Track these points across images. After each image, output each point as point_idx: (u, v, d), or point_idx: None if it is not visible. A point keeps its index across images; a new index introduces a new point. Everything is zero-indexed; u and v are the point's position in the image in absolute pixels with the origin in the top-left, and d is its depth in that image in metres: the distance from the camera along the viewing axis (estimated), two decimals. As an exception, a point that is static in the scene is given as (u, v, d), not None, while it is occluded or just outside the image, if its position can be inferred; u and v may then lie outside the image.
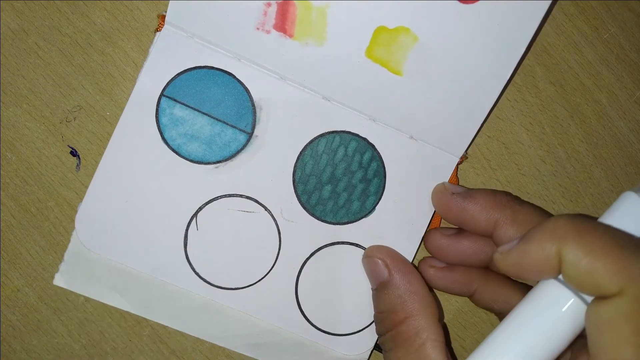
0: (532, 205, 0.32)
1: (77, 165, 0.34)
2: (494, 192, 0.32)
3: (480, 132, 0.35)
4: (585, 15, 0.35)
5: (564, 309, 0.23)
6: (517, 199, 0.32)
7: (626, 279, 0.21)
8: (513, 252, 0.24)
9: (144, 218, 0.32)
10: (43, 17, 0.32)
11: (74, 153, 0.34)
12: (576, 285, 0.23)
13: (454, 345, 0.37)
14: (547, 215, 0.31)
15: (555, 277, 0.24)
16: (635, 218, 0.24)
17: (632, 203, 0.25)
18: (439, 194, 0.33)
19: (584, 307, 0.23)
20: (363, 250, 0.34)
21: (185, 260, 0.33)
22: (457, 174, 0.34)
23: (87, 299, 0.35)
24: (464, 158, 0.34)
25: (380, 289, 0.31)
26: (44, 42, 0.33)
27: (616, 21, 0.36)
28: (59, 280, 0.33)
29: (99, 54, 0.33)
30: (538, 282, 0.25)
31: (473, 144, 0.36)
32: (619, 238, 0.22)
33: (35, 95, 0.33)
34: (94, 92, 0.33)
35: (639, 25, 0.36)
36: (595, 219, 0.25)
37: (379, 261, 0.31)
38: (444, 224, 0.35)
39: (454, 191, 0.32)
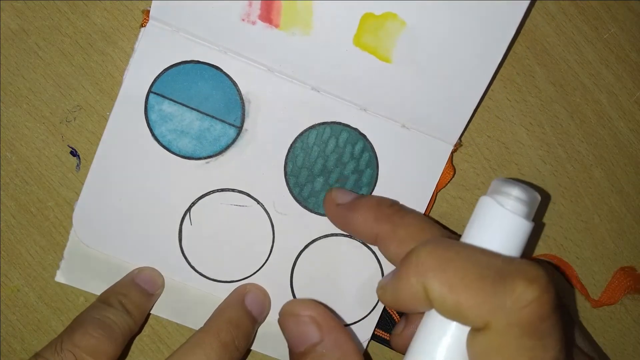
0: (416, 216, 0.30)
1: (77, 165, 0.34)
2: (379, 202, 0.30)
3: (480, 132, 0.35)
4: (585, 15, 0.35)
5: (450, 338, 0.23)
6: (401, 210, 0.30)
7: (489, 312, 0.21)
8: (388, 289, 0.24)
9: (138, 214, 0.32)
10: (43, 17, 0.33)
11: (74, 153, 0.34)
12: (449, 318, 0.22)
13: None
14: (429, 227, 0.29)
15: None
16: (495, 226, 0.24)
17: (492, 211, 0.24)
18: (325, 203, 0.32)
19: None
20: (358, 242, 0.34)
21: (181, 255, 0.33)
22: (452, 162, 0.34)
23: (86, 299, 0.35)
24: (458, 146, 0.33)
25: (307, 353, 0.27)
26: (44, 42, 0.33)
27: (616, 21, 0.36)
28: (61, 277, 0.33)
29: (99, 54, 0.33)
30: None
31: (473, 144, 0.36)
32: (480, 266, 0.22)
33: (35, 95, 0.33)
34: (94, 92, 0.33)
35: (639, 25, 0.36)
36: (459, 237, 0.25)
37: (308, 319, 0.28)
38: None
39: (339, 201, 0.31)
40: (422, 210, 0.33)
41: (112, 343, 0.28)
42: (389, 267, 0.34)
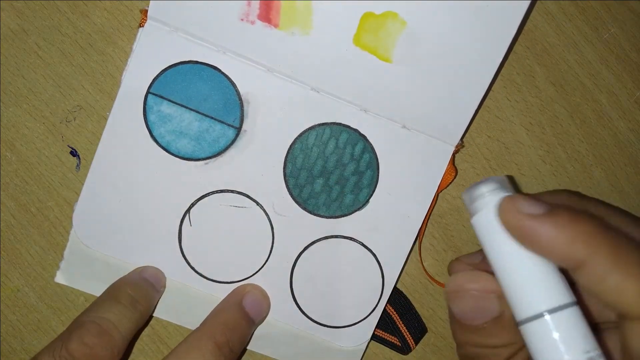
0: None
1: (77, 165, 0.34)
2: (588, 219, 0.24)
3: (480, 132, 0.35)
4: (585, 15, 0.35)
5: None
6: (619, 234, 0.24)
7: None
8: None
9: (138, 215, 0.32)
10: (43, 17, 0.33)
11: (74, 153, 0.34)
12: (594, 295, 0.23)
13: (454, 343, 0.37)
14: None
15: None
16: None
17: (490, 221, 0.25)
18: (507, 212, 0.24)
19: None
20: (358, 244, 0.34)
21: (181, 255, 0.33)
22: (453, 163, 0.34)
23: (86, 299, 0.35)
24: (459, 147, 0.33)
25: (491, 325, 0.27)
26: (44, 42, 0.33)
27: (616, 21, 0.36)
28: (60, 278, 0.33)
29: (99, 54, 0.33)
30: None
31: (473, 144, 0.36)
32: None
33: (35, 95, 0.33)
34: (94, 92, 0.33)
35: (639, 25, 0.36)
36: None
37: (491, 295, 0.26)
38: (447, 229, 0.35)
39: (528, 212, 0.24)
40: (424, 211, 0.34)
41: (107, 351, 0.28)
42: (389, 269, 0.34)
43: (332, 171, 0.33)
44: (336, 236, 0.33)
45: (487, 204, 0.25)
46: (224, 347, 0.29)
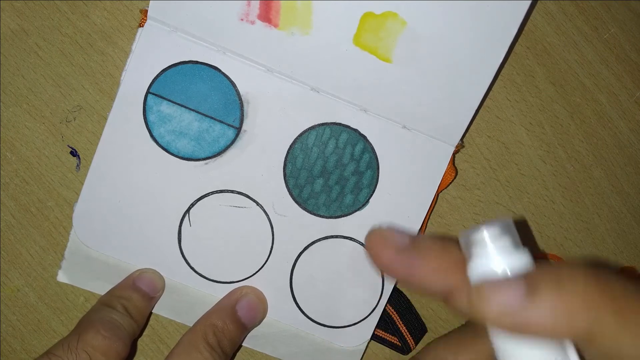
0: None
1: (77, 165, 0.34)
2: (446, 247, 0.22)
3: (480, 132, 0.35)
4: (585, 15, 0.35)
5: None
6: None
7: None
8: (523, 312, 0.19)
9: (137, 215, 0.32)
10: (43, 17, 0.33)
11: (74, 153, 0.34)
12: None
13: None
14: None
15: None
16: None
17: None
18: (375, 246, 0.23)
19: None
20: (357, 244, 0.34)
21: (180, 256, 0.33)
22: (453, 163, 0.34)
23: (86, 299, 0.35)
24: (459, 147, 0.33)
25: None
26: (44, 42, 0.33)
27: (616, 21, 0.36)
28: (62, 277, 0.33)
29: (99, 54, 0.33)
30: None
31: (473, 144, 0.36)
32: None
33: (35, 95, 0.33)
34: (94, 92, 0.33)
35: (639, 25, 0.36)
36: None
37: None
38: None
39: (398, 245, 0.22)
40: (424, 212, 0.33)
41: (122, 342, 0.29)
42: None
43: (332, 171, 0.33)
44: (336, 236, 0.33)
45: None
46: (216, 347, 0.30)
